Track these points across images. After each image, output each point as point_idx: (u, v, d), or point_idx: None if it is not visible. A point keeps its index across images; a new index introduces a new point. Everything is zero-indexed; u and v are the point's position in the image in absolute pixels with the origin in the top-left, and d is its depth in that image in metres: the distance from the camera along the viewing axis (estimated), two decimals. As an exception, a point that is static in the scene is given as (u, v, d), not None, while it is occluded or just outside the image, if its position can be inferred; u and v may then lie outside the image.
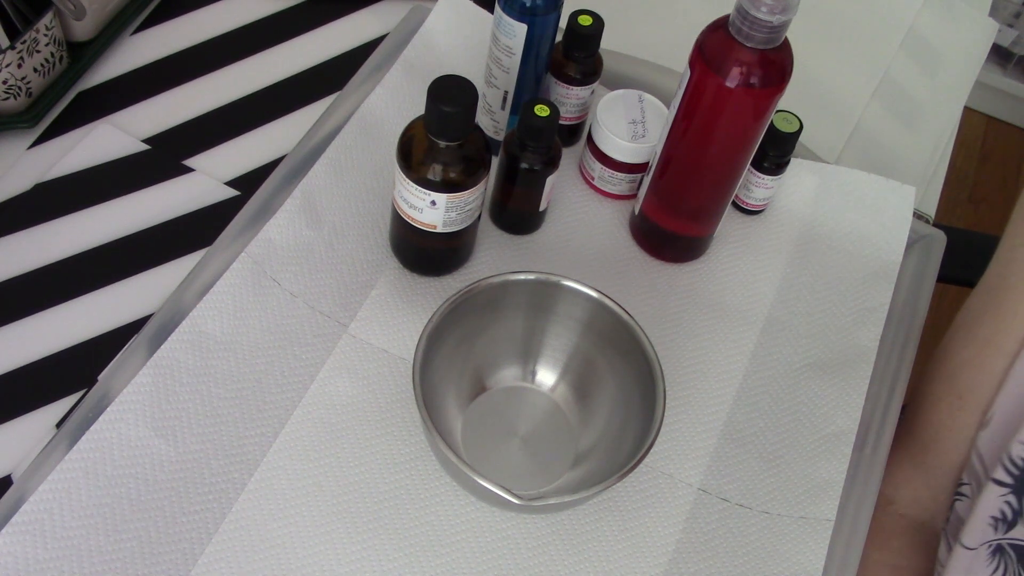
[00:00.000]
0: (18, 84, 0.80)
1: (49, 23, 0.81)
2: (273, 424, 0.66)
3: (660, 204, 0.75)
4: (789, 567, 0.65)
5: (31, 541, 0.59)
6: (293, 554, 0.62)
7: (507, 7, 0.69)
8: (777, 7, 0.60)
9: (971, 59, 1.02)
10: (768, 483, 0.69)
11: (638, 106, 0.78)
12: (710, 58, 0.63)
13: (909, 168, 0.92)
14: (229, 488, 0.63)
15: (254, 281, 0.71)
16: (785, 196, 0.82)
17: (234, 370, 0.67)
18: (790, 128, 0.76)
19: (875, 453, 0.71)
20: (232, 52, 0.90)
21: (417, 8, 0.88)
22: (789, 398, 0.73)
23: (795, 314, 0.77)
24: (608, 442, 0.66)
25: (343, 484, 0.65)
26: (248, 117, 0.86)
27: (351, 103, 0.81)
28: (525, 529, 0.65)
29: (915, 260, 0.81)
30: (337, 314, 0.71)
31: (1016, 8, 1.91)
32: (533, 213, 0.76)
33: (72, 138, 0.83)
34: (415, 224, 0.69)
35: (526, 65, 0.73)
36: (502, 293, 0.66)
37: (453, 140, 0.64)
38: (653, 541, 0.65)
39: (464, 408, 0.68)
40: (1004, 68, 2.01)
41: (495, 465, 0.67)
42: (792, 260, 0.80)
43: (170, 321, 0.68)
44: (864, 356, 0.74)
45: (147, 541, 0.61)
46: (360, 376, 0.69)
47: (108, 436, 0.63)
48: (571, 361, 0.69)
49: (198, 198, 0.81)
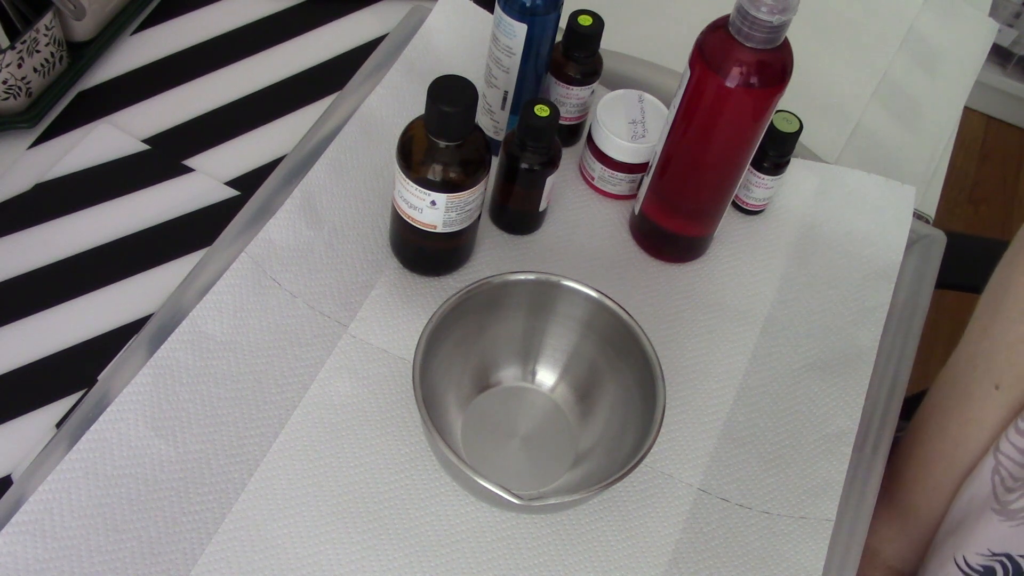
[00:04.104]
0: (18, 84, 0.80)
1: (49, 23, 0.81)
2: (273, 424, 0.66)
3: (660, 204, 0.75)
4: (789, 567, 0.65)
5: (31, 541, 0.59)
6: (293, 554, 0.62)
7: (507, 7, 0.69)
8: (777, 7, 0.60)
9: (971, 59, 1.02)
10: (768, 483, 0.69)
11: (638, 106, 0.78)
12: (710, 58, 0.63)
13: (909, 168, 0.92)
14: (229, 488, 0.63)
15: (254, 281, 0.71)
16: (785, 196, 0.82)
17: (234, 370, 0.67)
18: (790, 128, 0.76)
19: (875, 453, 0.71)
20: (232, 52, 0.90)
21: (417, 8, 0.88)
22: (789, 398, 0.73)
23: (795, 314, 0.77)
24: (608, 442, 0.66)
25: (343, 484, 0.65)
26: (248, 117, 0.86)
27: (351, 103, 0.81)
28: (525, 529, 0.65)
29: (915, 260, 0.81)
30: (337, 314, 0.71)
31: (1016, 8, 1.91)
32: (533, 213, 0.76)
33: (72, 138, 0.83)
34: (415, 224, 0.69)
35: (526, 65, 0.73)
36: (502, 293, 0.66)
37: (453, 140, 0.64)
38: (653, 541, 0.65)
39: (464, 408, 0.68)
40: (1004, 68, 2.01)
41: (495, 465, 0.67)
42: (792, 260, 0.80)
43: (170, 321, 0.68)
44: (864, 356, 0.74)
45: (147, 541, 0.61)
46: (360, 376, 0.69)
47: (108, 436, 0.63)
48: (571, 361, 0.69)
49: (198, 198, 0.81)
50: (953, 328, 1.87)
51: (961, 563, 0.65)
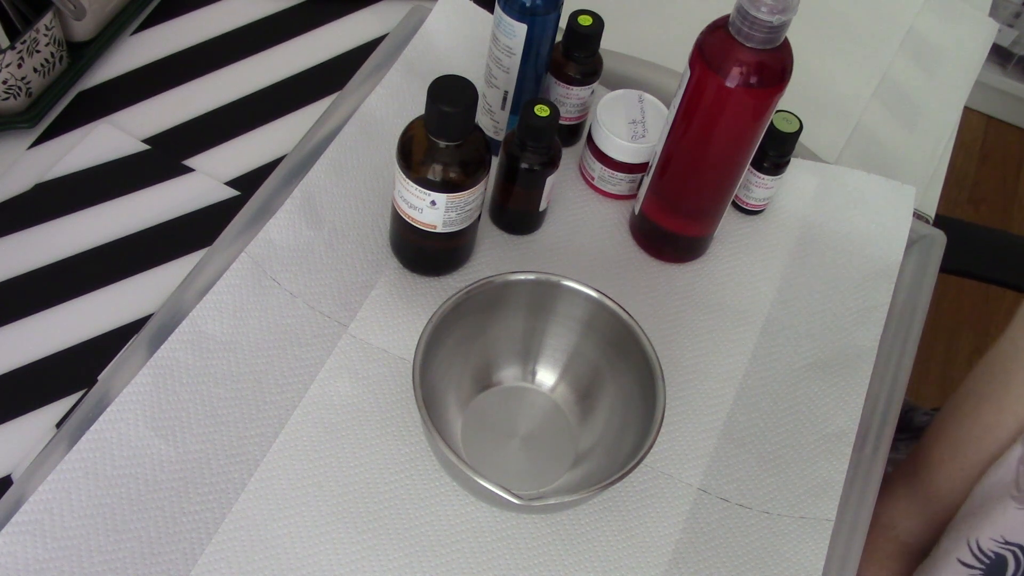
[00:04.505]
0: (18, 84, 0.80)
1: (49, 23, 0.81)
2: (273, 424, 0.66)
3: (660, 204, 0.75)
4: (789, 567, 0.65)
5: (31, 541, 0.59)
6: (293, 554, 0.62)
7: (507, 7, 0.69)
8: (777, 7, 0.60)
9: (971, 59, 1.02)
10: (768, 483, 0.69)
11: (638, 106, 0.78)
12: (710, 58, 0.63)
13: (909, 168, 0.92)
14: (229, 488, 0.63)
15: (254, 281, 0.71)
16: (785, 196, 0.82)
17: (234, 370, 0.67)
18: (790, 128, 0.76)
19: (875, 453, 0.71)
20: (232, 52, 0.90)
21: (417, 8, 0.88)
22: (789, 398, 0.73)
23: (795, 314, 0.77)
24: (608, 442, 0.66)
25: (343, 484, 0.65)
26: (248, 117, 0.86)
27: (351, 103, 0.81)
28: (525, 529, 0.65)
29: (915, 260, 0.81)
30: (337, 314, 0.71)
31: (1016, 8, 1.91)
32: (533, 213, 0.76)
33: (72, 138, 0.83)
34: (415, 224, 0.69)
35: (526, 65, 0.73)
36: (502, 293, 0.66)
37: (453, 140, 0.64)
38: (653, 541, 0.65)
39: (464, 408, 0.68)
40: (1004, 68, 2.01)
41: (495, 465, 0.67)
42: (792, 260, 0.80)
43: (170, 321, 0.68)
44: (864, 356, 0.74)
45: (147, 541, 0.61)
46: (360, 376, 0.69)
47: (108, 436, 0.63)
48: (571, 361, 0.69)
49: (198, 198, 0.81)
50: (953, 328, 1.87)
51: (974, 547, 0.66)
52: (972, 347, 1.73)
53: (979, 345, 1.74)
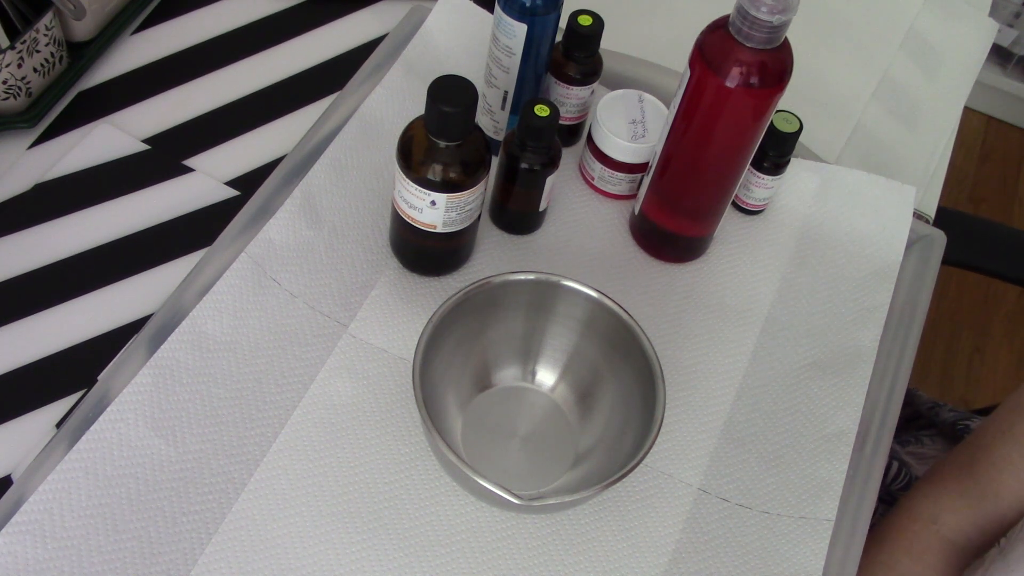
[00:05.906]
0: (18, 84, 0.80)
1: (49, 23, 0.81)
2: (273, 424, 0.66)
3: (660, 204, 0.75)
4: (789, 567, 0.65)
5: (31, 541, 0.59)
6: (293, 554, 0.62)
7: (507, 7, 0.69)
8: (777, 7, 0.60)
9: (971, 59, 1.02)
10: (768, 483, 0.69)
11: (638, 106, 0.78)
12: (710, 58, 0.63)
13: (909, 168, 0.92)
14: (229, 488, 0.63)
15: (254, 281, 0.71)
16: (785, 196, 0.82)
17: (234, 370, 0.67)
18: (790, 128, 0.76)
19: (875, 453, 0.71)
20: (232, 52, 0.90)
21: (417, 8, 0.88)
22: (789, 398, 0.73)
23: (795, 314, 0.77)
24: (608, 442, 0.66)
25: (343, 484, 0.65)
26: (248, 117, 0.86)
27: (351, 103, 0.81)
28: (525, 529, 0.65)
29: (915, 260, 0.81)
30: (337, 314, 0.71)
31: (1016, 8, 1.91)
32: (533, 213, 0.76)
33: (72, 138, 0.83)
34: (415, 224, 0.69)
35: (526, 65, 0.73)
36: (502, 293, 0.66)
37: (453, 140, 0.64)
38: (653, 541, 0.65)
39: (464, 408, 0.68)
40: (1004, 68, 2.01)
41: (495, 465, 0.67)
42: (792, 260, 0.80)
43: (170, 321, 0.68)
44: (864, 356, 0.74)
45: (147, 541, 0.61)
46: (360, 376, 0.69)
47: (108, 436, 0.63)
48: (571, 361, 0.69)
49: (198, 198, 0.81)
50: (953, 328, 1.87)
51: None
52: (972, 347, 1.73)
53: (979, 344, 1.74)
